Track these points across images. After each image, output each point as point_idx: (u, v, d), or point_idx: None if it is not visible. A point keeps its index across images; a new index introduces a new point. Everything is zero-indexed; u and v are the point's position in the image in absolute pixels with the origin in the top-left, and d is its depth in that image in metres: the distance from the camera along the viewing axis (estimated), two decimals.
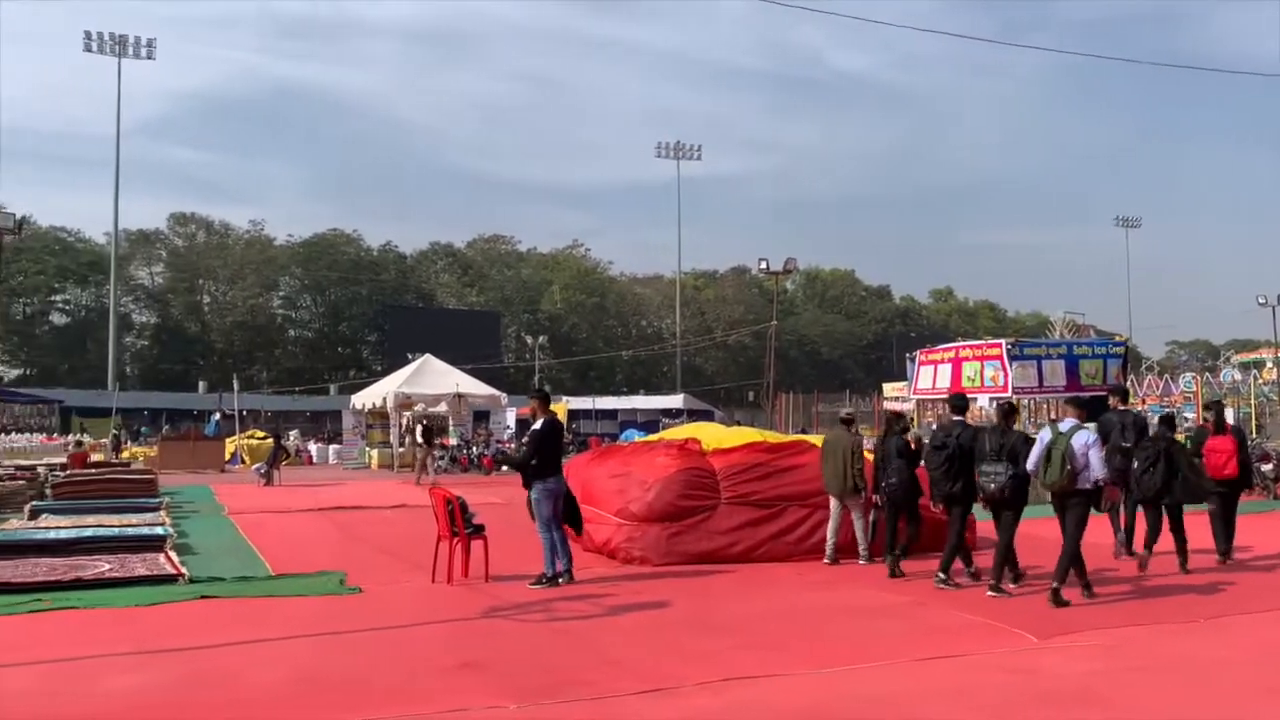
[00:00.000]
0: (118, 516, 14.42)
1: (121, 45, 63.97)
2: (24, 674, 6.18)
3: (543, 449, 9.39)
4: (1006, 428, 9.01)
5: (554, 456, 9.53)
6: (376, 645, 7.12)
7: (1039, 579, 9.13)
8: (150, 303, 76.35)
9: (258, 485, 22.88)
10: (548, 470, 9.40)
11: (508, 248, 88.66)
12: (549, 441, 9.47)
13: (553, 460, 9.49)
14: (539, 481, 9.36)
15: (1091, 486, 8.44)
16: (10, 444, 33.75)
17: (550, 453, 9.46)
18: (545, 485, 9.37)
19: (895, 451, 9.91)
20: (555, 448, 9.58)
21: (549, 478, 9.39)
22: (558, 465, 9.57)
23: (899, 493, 9.86)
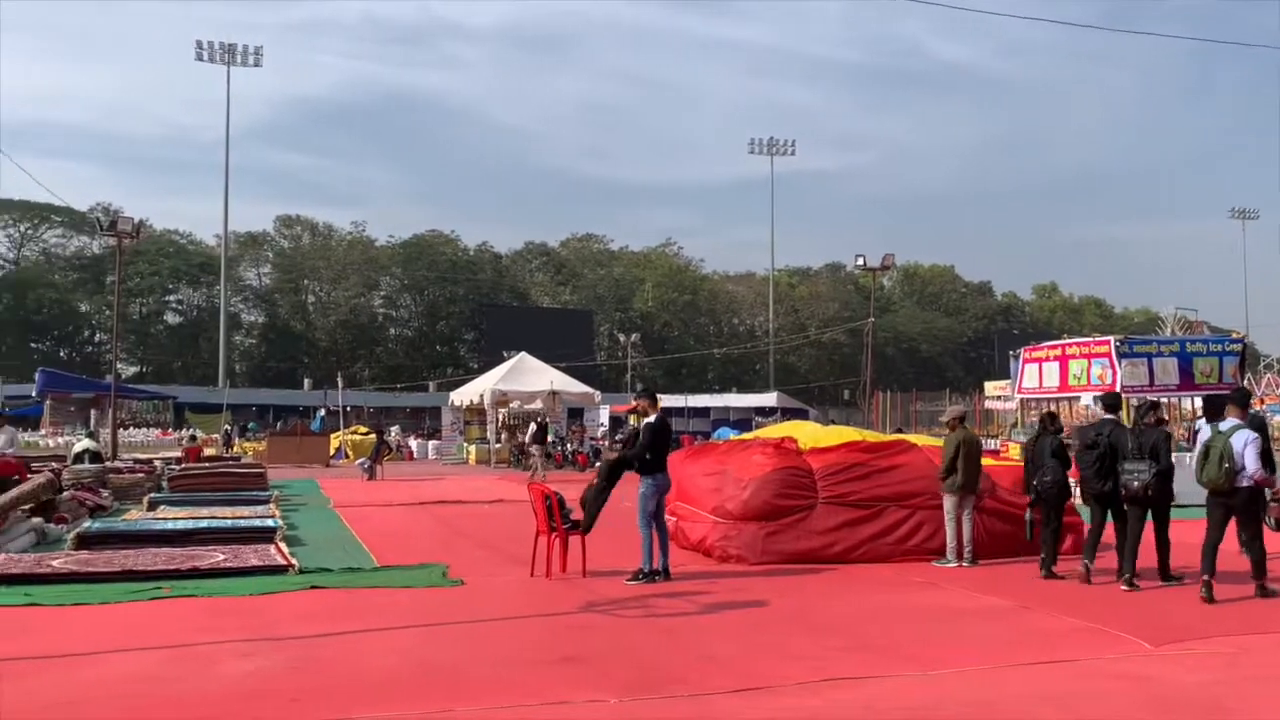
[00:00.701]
0: (230, 509, 15.00)
1: (230, 54, 66.42)
2: (146, 658, 6.45)
3: (655, 444, 9.45)
4: (1148, 425, 9.02)
5: (663, 453, 9.59)
6: (479, 637, 7.25)
7: (1151, 580, 8.86)
8: (258, 302, 79.07)
9: (361, 479, 23.51)
10: (657, 466, 9.45)
11: (600, 247, 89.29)
12: (661, 438, 9.53)
13: (661, 456, 9.54)
14: (648, 476, 9.40)
15: (1247, 485, 8.34)
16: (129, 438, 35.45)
17: (660, 449, 9.53)
18: (655, 480, 9.41)
19: (1050, 451, 9.78)
20: (665, 444, 9.64)
21: (658, 473, 9.44)
22: (665, 462, 9.61)
23: (1053, 492, 9.77)
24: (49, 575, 9.27)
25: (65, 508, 13.76)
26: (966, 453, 10.27)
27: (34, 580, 9.06)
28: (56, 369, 53.50)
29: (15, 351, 68.01)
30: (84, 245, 74.60)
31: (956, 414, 11.07)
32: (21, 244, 75.74)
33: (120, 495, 16.80)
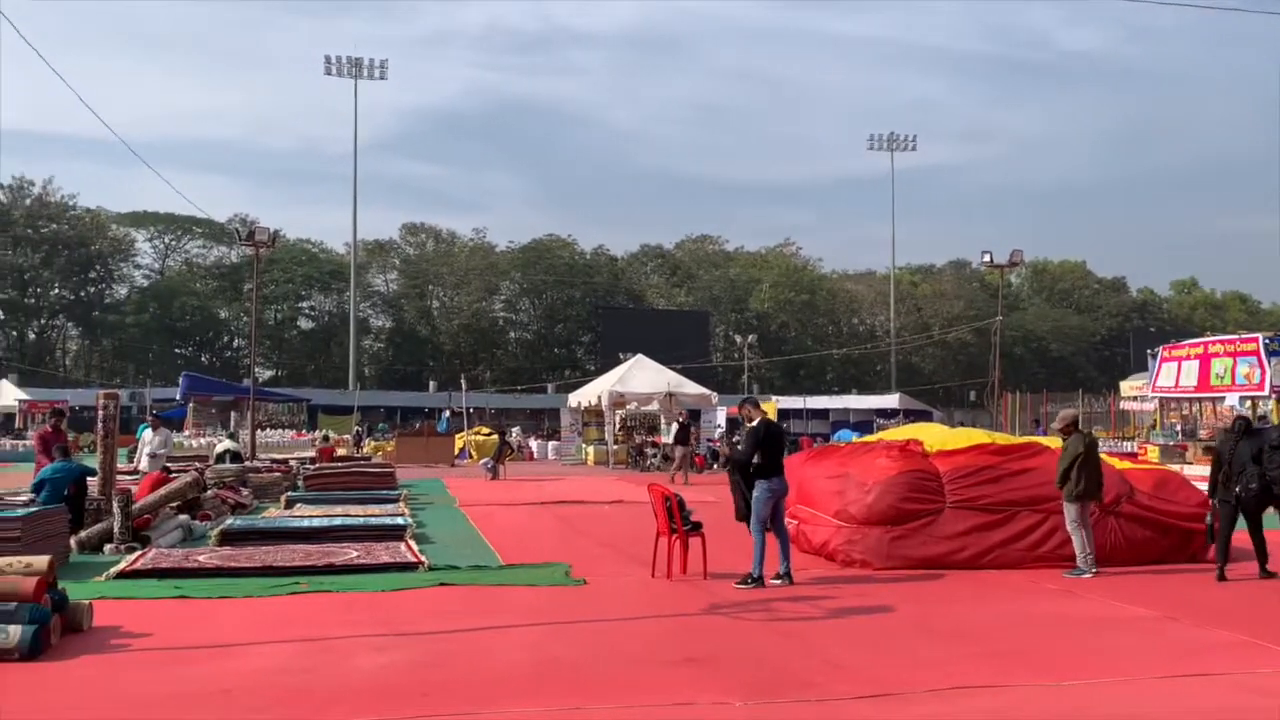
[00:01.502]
0: (362, 507, 15.51)
1: (357, 67, 68.83)
2: (287, 650, 6.72)
3: (764, 447, 9.36)
4: None
5: (776, 457, 9.48)
6: (603, 636, 7.31)
7: None
8: (385, 308, 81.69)
9: (485, 479, 24.00)
10: (771, 470, 9.36)
11: (715, 248, 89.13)
12: (770, 441, 9.43)
13: (775, 460, 9.44)
14: (762, 480, 9.32)
15: None
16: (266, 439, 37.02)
17: (772, 453, 9.42)
18: (769, 484, 9.33)
19: (1250, 457, 9.45)
20: (777, 448, 9.53)
21: (772, 477, 9.35)
22: (780, 465, 9.51)
23: (1255, 499, 9.45)
24: (196, 569, 9.75)
25: (209, 505, 14.47)
26: (1085, 458, 9.85)
27: (183, 574, 9.55)
28: (199, 373, 56.35)
29: (161, 356, 71.97)
30: (223, 255, 78.39)
31: (1068, 419, 10.59)
32: (166, 255, 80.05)
33: (259, 494, 17.55)
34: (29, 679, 5.84)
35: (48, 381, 61.48)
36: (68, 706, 5.33)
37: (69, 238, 71.77)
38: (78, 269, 72.95)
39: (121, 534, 11.33)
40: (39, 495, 11.55)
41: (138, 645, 6.78)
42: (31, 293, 72.22)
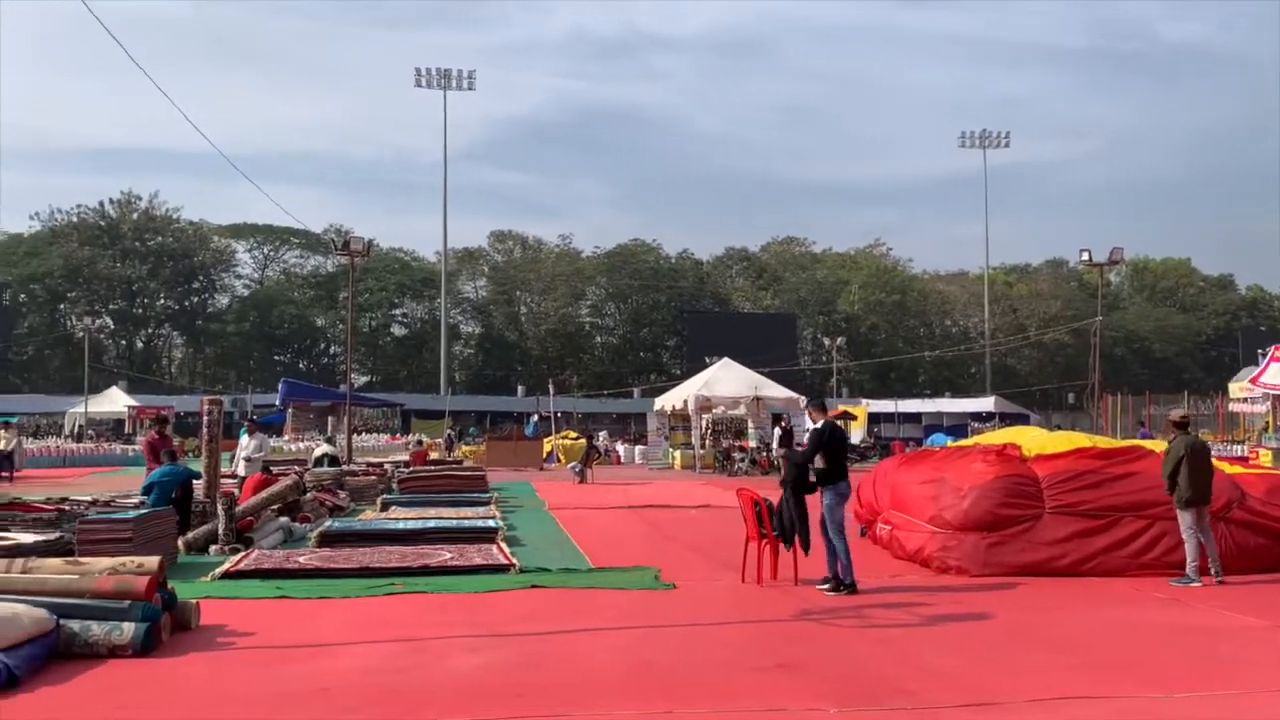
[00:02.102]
0: (454, 509, 15.75)
1: (446, 79, 70.03)
2: (384, 649, 6.85)
3: (826, 450, 9.24)
4: None
5: (841, 459, 9.38)
6: (694, 640, 7.29)
7: None
8: (475, 314, 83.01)
9: (573, 483, 24.17)
10: (837, 474, 9.23)
11: (802, 249, 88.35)
12: (834, 443, 9.33)
13: (838, 464, 9.30)
14: (829, 486, 9.21)
15: None
16: (361, 443, 37.93)
17: (834, 456, 9.29)
18: (836, 489, 9.22)
19: None
20: (838, 451, 9.37)
21: (839, 481, 9.23)
22: (844, 469, 9.35)
23: None
24: (297, 570, 10.02)
25: (308, 508, 14.86)
26: (1192, 461, 9.44)
27: (284, 574, 9.83)
28: (297, 379, 58.04)
29: (261, 363, 74.31)
30: (319, 265, 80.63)
31: (1176, 418, 10.17)
32: (265, 265, 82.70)
33: (356, 496, 17.95)
34: (142, 674, 6.07)
35: (155, 388, 64.06)
36: (179, 702, 5.53)
37: (174, 250, 74.64)
38: (182, 280, 75.79)
39: (226, 535, 11.71)
40: (148, 498, 12.01)
41: (242, 644, 7.00)
42: (139, 303, 75.29)
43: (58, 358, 71.43)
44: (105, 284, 72.32)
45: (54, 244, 71.64)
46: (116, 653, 6.40)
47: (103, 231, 72.84)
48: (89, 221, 73.28)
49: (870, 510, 12.30)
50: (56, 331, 71.34)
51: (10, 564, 7.21)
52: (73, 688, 5.77)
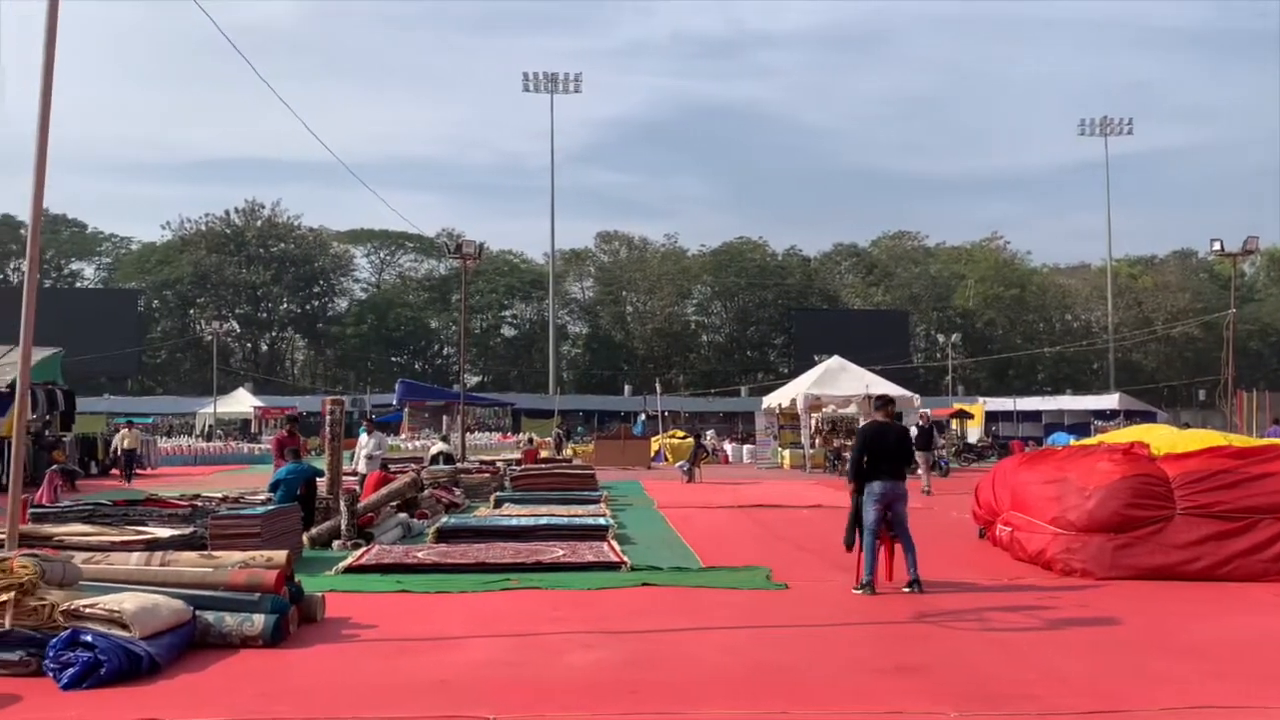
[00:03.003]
0: (565, 507, 15.94)
1: (553, 82, 71.03)
2: (501, 644, 6.97)
3: (864, 448, 9.18)
4: None
5: (875, 459, 9.16)
6: (808, 641, 7.22)
7: None
8: (582, 314, 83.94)
9: (681, 481, 24.20)
10: (871, 473, 9.13)
11: (914, 244, 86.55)
12: (871, 442, 9.22)
13: (875, 463, 9.14)
14: (865, 485, 9.11)
15: None
16: (474, 441, 38.74)
17: (873, 455, 9.15)
18: (869, 489, 9.10)
19: None
20: (877, 449, 9.18)
21: (870, 481, 9.10)
22: (880, 469, 9.13)
23: None
24: (415, 565, 10.28)
25: (425, 504, 15.24)
26: None
27: (404, 569, 10.09)
28: (412, 380, 59.64)
29: (379, 364, 76.60)
30: (433, 268, 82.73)
31: None
32: (382, 269, 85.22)
33: (470, 494, 18.35)
34: (272, 665, 6.32)
35: (279, 389, 66.65)
36: (307, 691, 5.73)
37: (295, 256, 77.58)
38: (303, 284, 78.69)
39: (348, 531, 12.09)
40: (275, 495, 12.49)
41: (365, 636, 7.21)
42: (264, 307, 78.45)
43: (188, 360, 74.99)
44: (232, 289, 75.61)
45: (184, 252, 75.27)
46: (248, 643, 6.67)
47: (229, 239, 76.17)
48: (216, 230, 76.75)
49: (989, 511, 11.98)
50: (187, 335, 74.89)
51: (149, 557, 7.58)
52: (210, 675, 6.04)
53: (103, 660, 5.76)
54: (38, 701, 5.43)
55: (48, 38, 7.61)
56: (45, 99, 7.62)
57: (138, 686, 5.72)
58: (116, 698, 5.50)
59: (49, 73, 7.63)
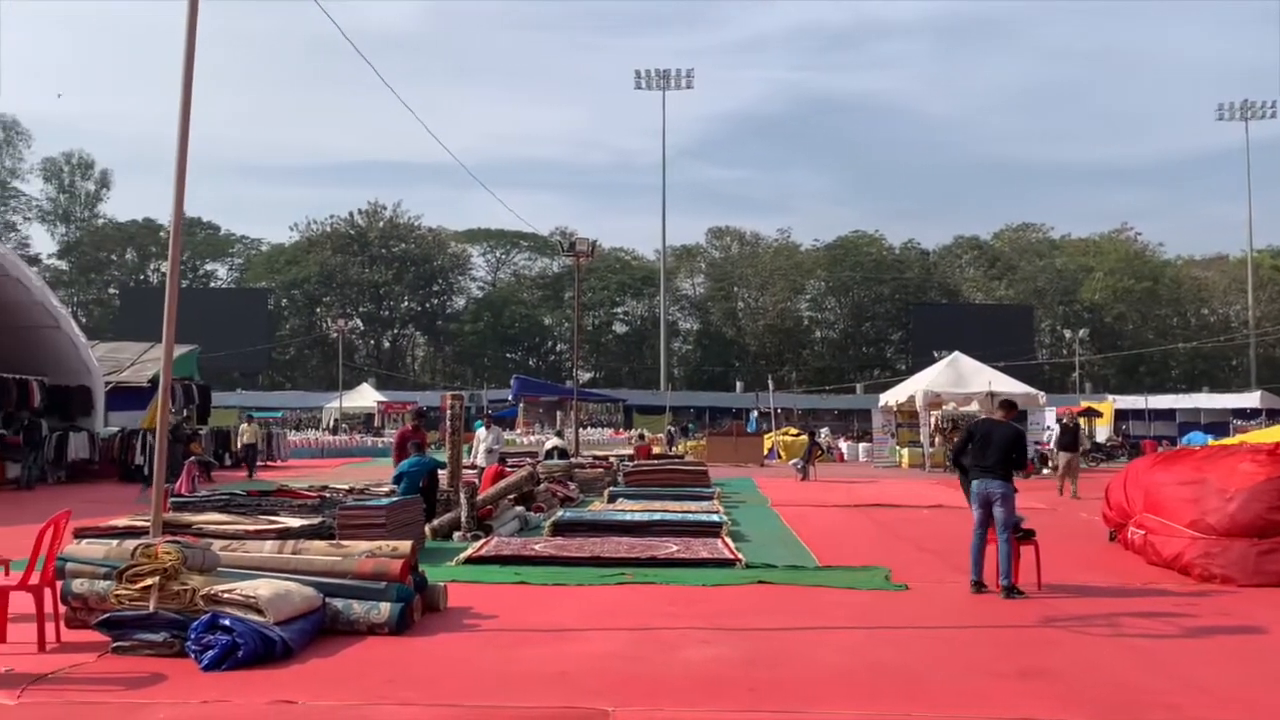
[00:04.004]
0: (678, 503, 15.94)
1: (665, 79, 71.14)
2: (617, 638, 7.02)
3: (965, 447, 9.15)
4: None
5: (975, 456, 9.06)
6: (928, 643, 7.05)
7: None
8: (693, 311, 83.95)
9: (795, 479, 23.96)
10: (974, 470, 9.00)
11: (1039, 236, 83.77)
12: (971, 439, 9.16)
13: (975, 460, 9.03)
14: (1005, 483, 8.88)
15: None
16: (586, 437, 39.14)
17: (973, 451, 9.09)
18: (969, 485, 8.96)
19: None
20: (978, 447, 9.06)
21: (972, 479, 8.97)
22: (979, 466, 8.98)
23: None
24: (533, 557, 10.44)
25: (541, 498, 15.48)
26: None
27: (522, 561, 10.27)
28: (527, 375, 60.64)
29: (495, 360, 78.16)
30: (546, 266, 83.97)
31: None
32: (497, 268, 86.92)
33: (584, 488, 18.54)
34: (398, 652, 6.50)
35: (400, 385, 68.65)
36: (432, 679, 5.87)
37: (415, 255, 79.78)
38: (423, 283, 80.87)
39: (468, 523, 12.37)
40: (399, 487, 12.85)
41: (486, 626, 7.36)
42: (385, 305, 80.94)
43: (315, 357, 77.88)
44: (355, 288, 78.24)
45: (310, 252, 78.22)
46: (374, 630, 6.88)
47: (352, 239, 78.82)
48: (340, 231, 79.51)
49: (1120, 513, 11.50)
50: (313, 333, 77.78)
51: (282, 545, 7.88)
52: (339, 661, 6.25)
53: (240, 643, 6.02)
54: (181, 681, 5.71)
55: (187, 48, 7.97)
56: (185, 108, 7.99)
57: (272, 669, 5.96)
58: (252, 679, 5.74)
59: (188, 85, 8.00)
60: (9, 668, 5.92)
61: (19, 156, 77.37)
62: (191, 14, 7.89)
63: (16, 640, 6.56)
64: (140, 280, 78.79)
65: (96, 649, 6.34)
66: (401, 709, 5.28)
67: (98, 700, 5.39)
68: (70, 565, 7.10)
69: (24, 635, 6.55)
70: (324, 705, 5.32)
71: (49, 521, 6.86)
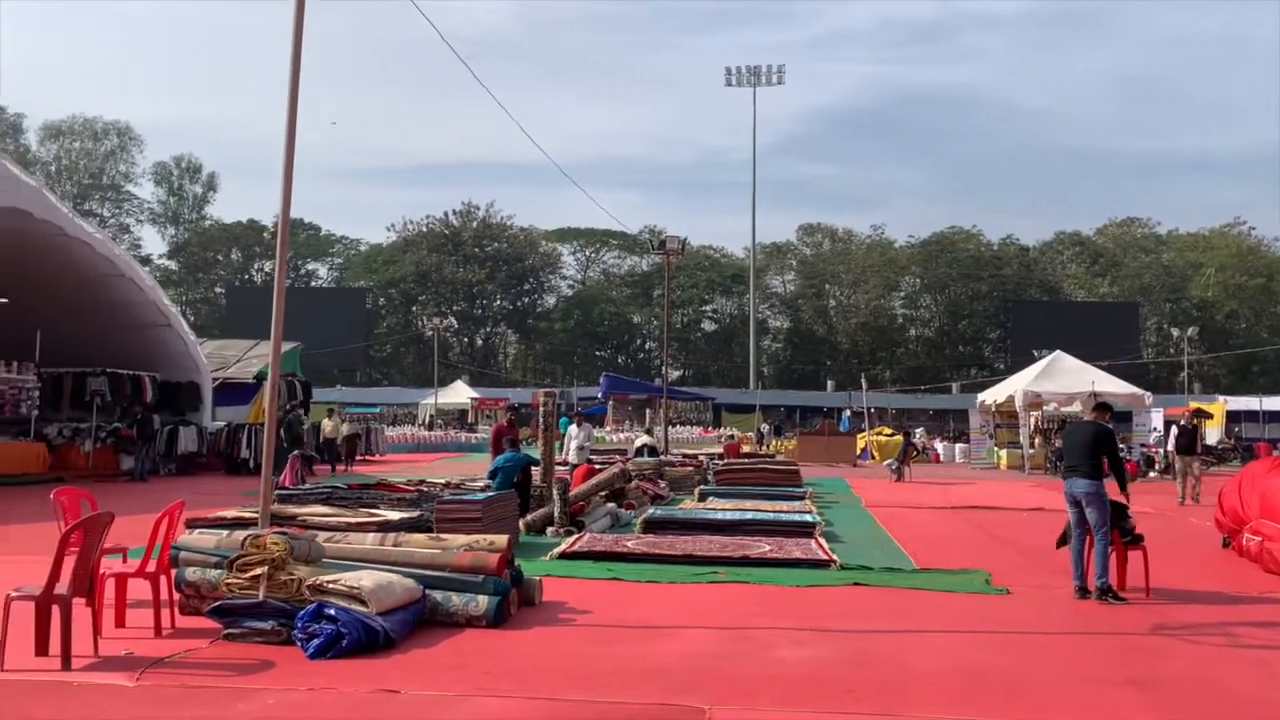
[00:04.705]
0: (770, 503, 15.84)
1: (756, 75, 70.73)
2: (711, 636, 7.00)
3: (1068, 447, 9.02)
4: None
5: (1068, 456, 9.00)
6: (1030, 648, 6.87)
7: None
8: (783, 308, 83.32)
9: (889, 480, 23.58)
10: (1068, 470, 8.90)
11: (1145, 231, 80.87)
12: (1065, 439, 9.11)
13: (1068, 461, 8.95)
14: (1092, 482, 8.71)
15: None
16: (675, 435, 39.16)
17: (1065, 452, 9.07)
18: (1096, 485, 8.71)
19: None
20: (1069, 447, 9.02)
21: (1066, 479, 8.88)
22: (1072, 466, 8.87)
23: None
24: (625, 554, 10.49)
25: (632, 495, 15.53)
26: None
27: (614, 558, 10.32)
28: (616, 373, 60.98)
29: (584, 358, 78.80)
30: (635, 264, 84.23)
31: None
32: (587, 266, 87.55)
33: (674, 486, 18.55)
34: (495, 644, 6.59)
35: (492, 382, 69.69)
36: (530, 673, 5.94)
37: (507, 254, 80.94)
38: (515, 282, 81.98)
39: (561, 519, 12.49)
40: (493, 481, 13.04)
41: (581, 621, 7.42)
42: (478, 304, 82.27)
43: (411, 354, 79.61)
44: (450, 287, 79.72)
45: (406, 252, 79.97)
46: (472, 623, 6.99)
47: (447, 239, 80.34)
48: (436, 231, 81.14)
49: (1234, 519, 11.04)
50: (409, 331, 79.49)
51: (383, 538, 8.06)
52: (439, 652, 6.37)
53: (344, 633, 6.18)
54: (288, 668, 5.88)
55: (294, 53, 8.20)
56: (291, 112, 8.22)
57: (374, 659, 6.11)
58: (356, 669, 5.89)
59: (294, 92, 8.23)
60: (129, 650, 6.18)
61: (132, 161, 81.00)
62: (298, 26, 8.11)
63: (135, 625, 6.85)
64: (245, 279, 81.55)
65: (208, 635, 6.57)
66: (501, 701, 5.35)
67: (211, 685, 5.59)
68: (184, 554, 7.39)
69: (142, 620, 6.83)
70: (426, 695, 5.43)
71: (164, 512, 7.15)
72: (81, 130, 78.49)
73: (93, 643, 6.09)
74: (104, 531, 6.32)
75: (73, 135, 78.68)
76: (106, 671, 5.75)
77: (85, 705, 5.23)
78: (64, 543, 6.04)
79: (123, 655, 6.09)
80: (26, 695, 5.36)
